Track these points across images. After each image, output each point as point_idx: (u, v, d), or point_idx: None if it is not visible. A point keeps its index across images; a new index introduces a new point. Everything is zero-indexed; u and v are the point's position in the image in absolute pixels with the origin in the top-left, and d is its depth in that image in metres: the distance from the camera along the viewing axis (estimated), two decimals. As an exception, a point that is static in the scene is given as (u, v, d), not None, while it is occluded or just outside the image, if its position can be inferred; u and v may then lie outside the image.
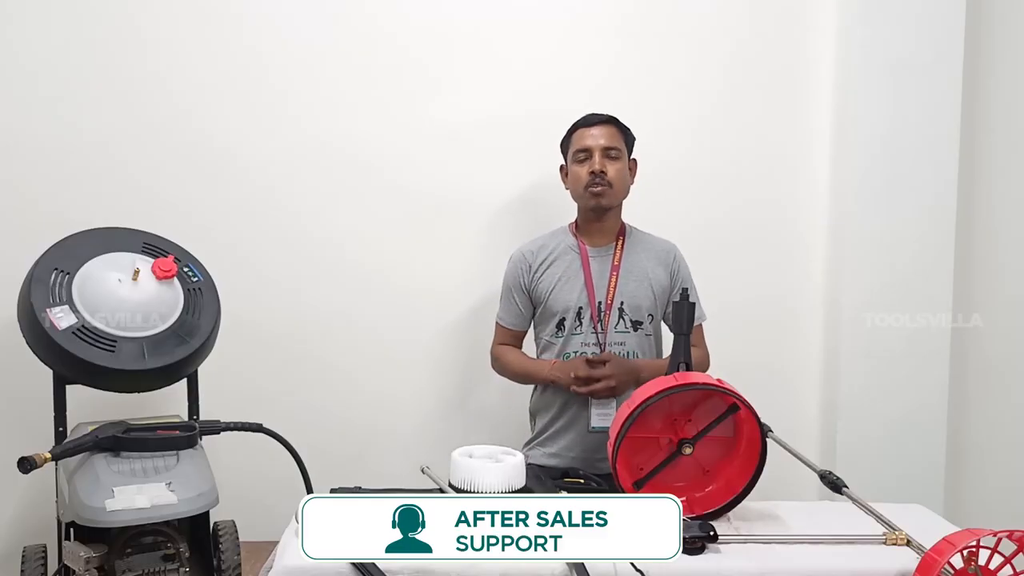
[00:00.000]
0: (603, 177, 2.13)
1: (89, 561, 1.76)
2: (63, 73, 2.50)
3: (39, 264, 2.00)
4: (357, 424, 2.67)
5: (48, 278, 1.96)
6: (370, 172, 2.61)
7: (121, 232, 2.13)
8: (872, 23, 2.57)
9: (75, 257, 2.02)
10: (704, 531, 1.36)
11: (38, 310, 1.92)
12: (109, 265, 2.03)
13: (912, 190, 2.59)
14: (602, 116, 2.19)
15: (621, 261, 2.18)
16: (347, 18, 2.59)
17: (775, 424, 1.59)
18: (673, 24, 2.67)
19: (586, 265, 2.18)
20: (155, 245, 2.13)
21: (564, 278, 2.18)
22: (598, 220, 2.20)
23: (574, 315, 2.16)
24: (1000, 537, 1.22)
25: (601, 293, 2.15)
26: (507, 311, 2.26)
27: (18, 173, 2.50)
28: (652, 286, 2.17)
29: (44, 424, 2.08)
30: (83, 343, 1.92)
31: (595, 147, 2.14)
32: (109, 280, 2.00)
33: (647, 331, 2.17)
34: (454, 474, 1.52)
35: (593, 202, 2.15)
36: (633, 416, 1.46)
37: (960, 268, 2.63)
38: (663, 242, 2.26)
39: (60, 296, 1.95)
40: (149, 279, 2.04)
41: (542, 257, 2.21)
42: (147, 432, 1.89)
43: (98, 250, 2.05)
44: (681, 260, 2.24)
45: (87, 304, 1.97)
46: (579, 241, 2.22)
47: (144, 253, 2.10)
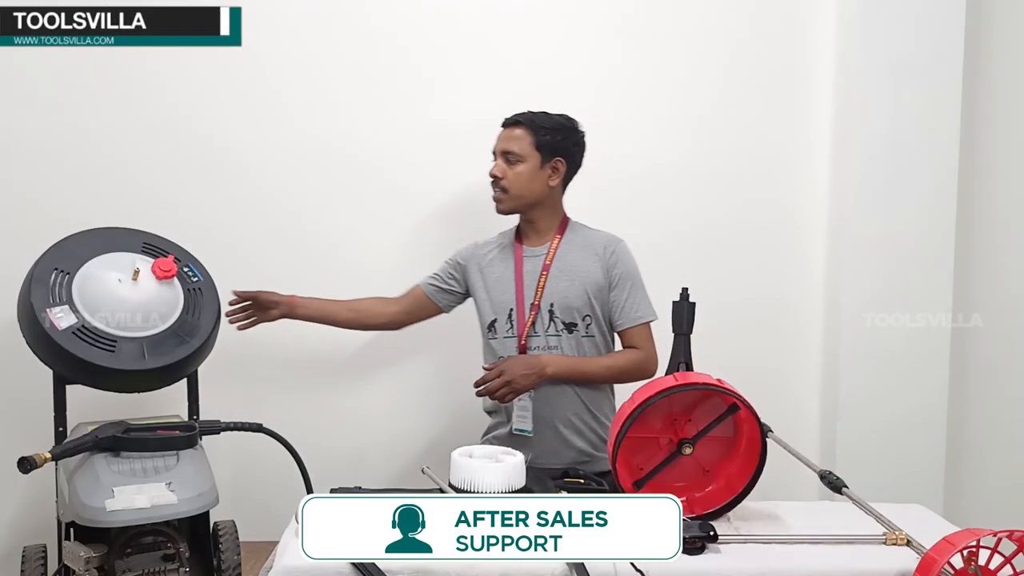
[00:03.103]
0: (499, 182, 2.10)
1: (89, 561, 1.76)
2: (63, 74, 2.50)
3: (39, 264, 2.00)
4: (357, 424, 2.67)
5: (48, 278, 1.96)
6: (370, 172, 2.61)
7: (121, 232, 2.12)
8: (872, 23, 2.57)
9: (75, 257, 2.02)
10: (704, 531, 1.36)
11: (38, 310, 1.92)
12: (109, 265, 2.03)
13: (912, 190, 2.59)
14: (516, 116, 2.12)
15: (553, 261, 2.12)
16: (347, 18, 2.59)
17: (775, 424, 1.60)
18: (673, 24, 2.67)
19: (519, 266, 2.14)
20: (155, 245, 2.13)
21: (498, 279, 2.16)
22: (527, 220, 2.16)
23: (505, 317, 2.13)
24: (1000, 537, 1.22)
25: (531, 294, 2.11)
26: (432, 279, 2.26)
27: (18, 173, 2.51)
28: (586, 286, 2.09)
29: (44, 424, 2.08)
30: (83, 343, 1.92)
31: (497, 151, 2.12)
32: (109, 280, 2.00)
33: (584, 333, 2.10)
34: (454, 474, 1.52)
35: (495, 205, 2.14)
36: (633, 416, 1.46)
37: (960, 268, 2.63)
38: (604, 237, 2.16)
39: (60, 296, 1.95)
40: (149, 279, 2.04)
41: (485, 257, 2.21)
42: (147, 432, 1.88)
43: (98, 250, 2.05)
44: (622, 253, 2.12)
45: (87, 304, 1.96)
46: (516, 242, 2.19)
47: (144, 253, 2.09)
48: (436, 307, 2.28)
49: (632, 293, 2.11)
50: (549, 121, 2.12)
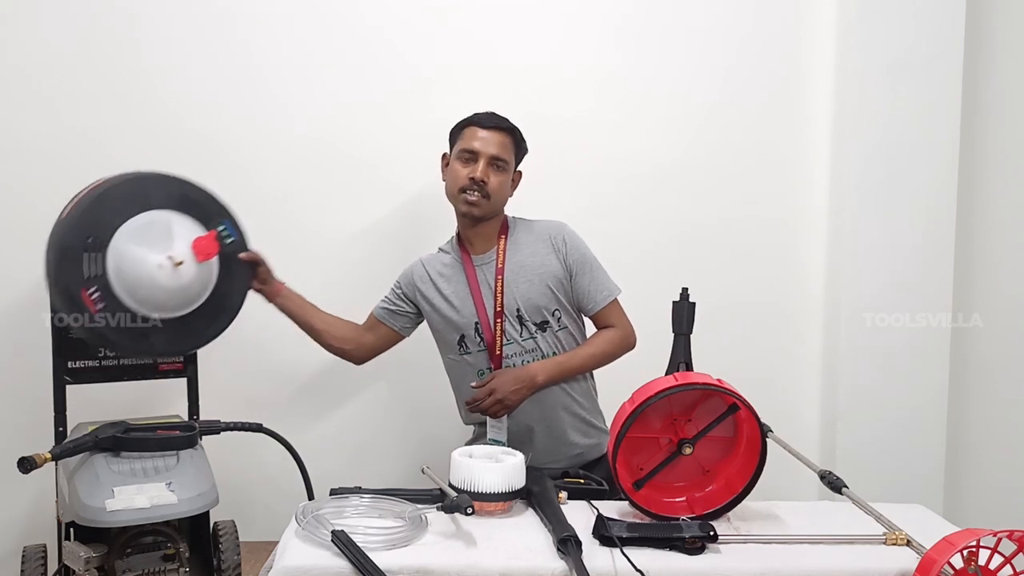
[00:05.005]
0: (483, 187, 2.02)
1: (89, 561, 1.76)
2: (60, 73, 2.50)
3: (68, 227, 1.84)
4: (357, 424, 2.67)
5: (79, 252, 1.81)
6: (369, 173, 2.61)
7: (154, 180, 1.95)
8: (871, 24, 2.57)
9: (105, 223, 1.85)
10: (704, 531, 1.36)
11: (73, 291, 1.82)
12: (144, 237, 1.87)
13: (911, 190, 2.59)
14: (501, 121, 2.07)
15: (505, 263, 2.06)
16: (344, 19, 2.59)
17: (775, 424, 1.59)
18: (673, 24, 2.68)
19: (472, 277, 2.09)
20: (193, 199, 1.97)
21: (456, 295, 2.09)
22: (474, 225, 2.08)
23: (473, 331, 2.07)
24: (1000, 537, 1.22)
25: (491, 303, 2.05)
26: (383, 304, 2.21)
27: (17, 173, 2.50)
28: (547, 280, 2.05)
29: (44, 424, 2.08)
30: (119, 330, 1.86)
31: (483, 153, 2.03)
32: (148, 264, 1.85)
33: (557, 327, 2.07)
34: (454, 474, 1.52)
35: (465, 208, 2.04)
36: (633, 416, 1.46)
37: (960, 268, 2.63)
38: (547, 225, 2.12)
39: (93, 273, 1.82)
40: (190, 262, 1.90)
41: (437, 274, 2.13)
42: (147, 432, 1.89)
43: (132, 207, 1.88)
44: (572, 238, 2.08)
45: (124, 286, 1.85)
46: (462, 251, 2.12)
47: (181, 210, 1.94)
48: (392, 331, 2.21)
49: (593, 276, 2.08)
50: (520, 132, 2.10)
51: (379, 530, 1.33)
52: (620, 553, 1.30)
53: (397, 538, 1.33)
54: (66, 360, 2.08)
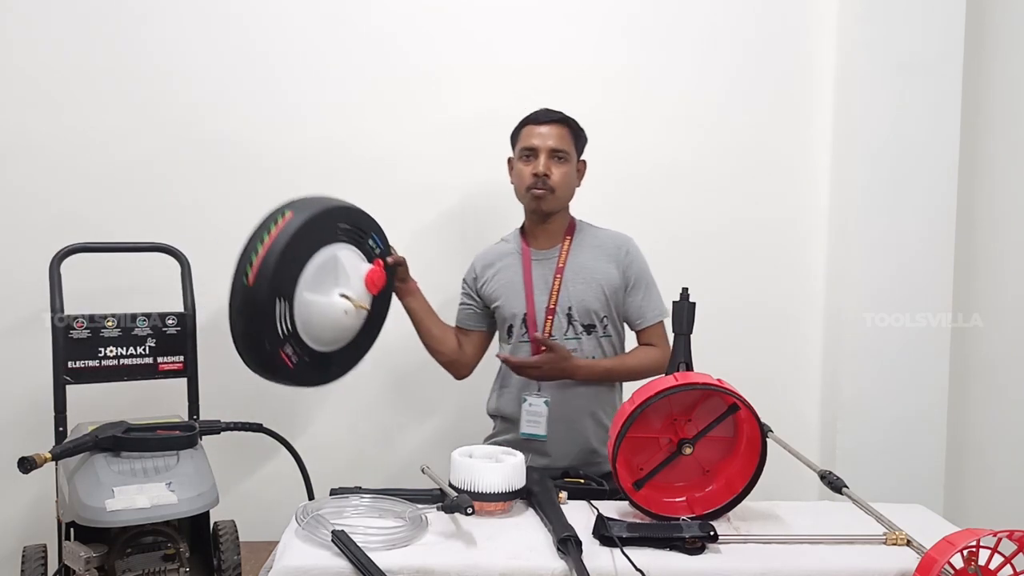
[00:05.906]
0: (546, 180, 2.05)
1: (89, 561, 1.76)
2: (69, 74, 2.50)
3: (258, 286, 1.80)
4: (357, 424, 2.67)
5: (271, 307, 1.83)
6: (379, 172, 2.61)
7: (313, 217, 1.90)
8: (874, 24, 2.57)
9: (287, 276, 1.84)
10: (704, 531, 1.36)
11: (270, 347, 1.85)
12: (322, 284, 1.90)
13: (913, 190, 2.59)
14: (555, 114, 2.10)
15: (567, 263, 2.10)
16: (353, 20, 2.59)
17: (775, 424, 1.59)
18: (678, 25, 2.68)
19: (527, 270, 2.12)
20: (353, 225, 2.00)
21: (509, 285, 2.13)
22: (542, 222, 2.12)
23: (520, 322, 2.10)
24: (1000, 537, 1.22)
25: (544, 298, 2.09)
26: (459, 311, 2.24)
27: (25, 173, 2.50)
28: (603, 286, 2.08)
29: (44, 424, 2.08)
30: (309, 372, 1.96)
31: (542, 147, 2.06)
32: (334, 311, 1.92)
33: (602, 333, 2.09)
34: (454, 474, 1.52)
35: (533, 204, 2.08)
36: (633, 416, 1.46)
37: (960, 268, 2.63)
38: (615, 236, 2.15)
39: (285, 330, 1.86)
40: (365, 297, 1.98)
41: (490, 265, 2.17)
42: (147, 432, 1.89)
43: (305, 253, 1.88)
44: (635, 253, 2.12)
45: (311, 335, 1.92)
46: (524, 244, 2.15)
47: (345, 240, 1.98)
48: (481, 333, 2.23)
49: (648, 293, 2.12)
50: (577, 122, 2.13)
51: (379, 530, 1.33)
52: (620, 553, 1.30)
53: (397, 538, 1.33)
54: (66, 360, 2.08)
